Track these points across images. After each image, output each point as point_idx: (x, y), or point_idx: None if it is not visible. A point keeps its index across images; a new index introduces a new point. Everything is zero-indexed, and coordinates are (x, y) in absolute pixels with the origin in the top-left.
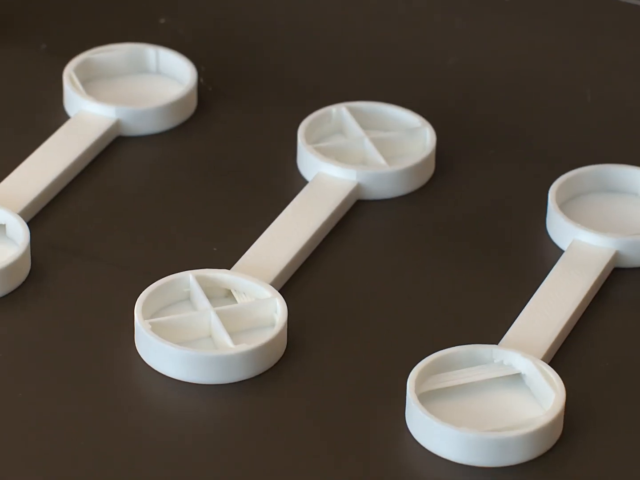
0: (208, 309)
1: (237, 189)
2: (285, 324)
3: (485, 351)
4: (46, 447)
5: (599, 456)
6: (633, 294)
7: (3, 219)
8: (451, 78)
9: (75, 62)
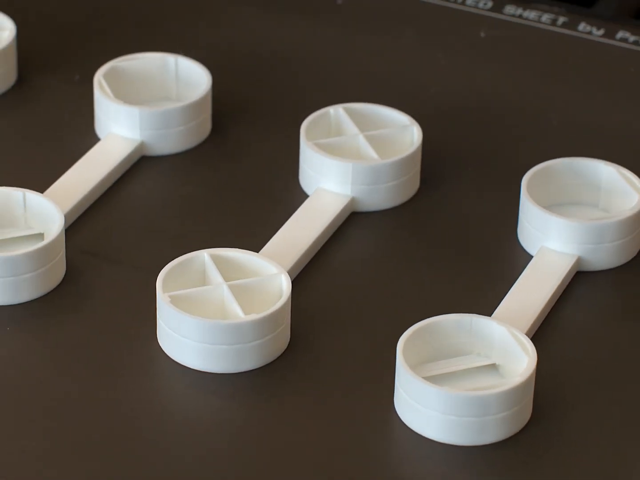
0: (221, 283)
1: (246, 202)
2: (289, 297)
3: (466, 320)
4: (75, 424)
5: (568, 438)
6: (594, 294)
7: (42, 228)
8: (432, 105)
9: (104, 69)
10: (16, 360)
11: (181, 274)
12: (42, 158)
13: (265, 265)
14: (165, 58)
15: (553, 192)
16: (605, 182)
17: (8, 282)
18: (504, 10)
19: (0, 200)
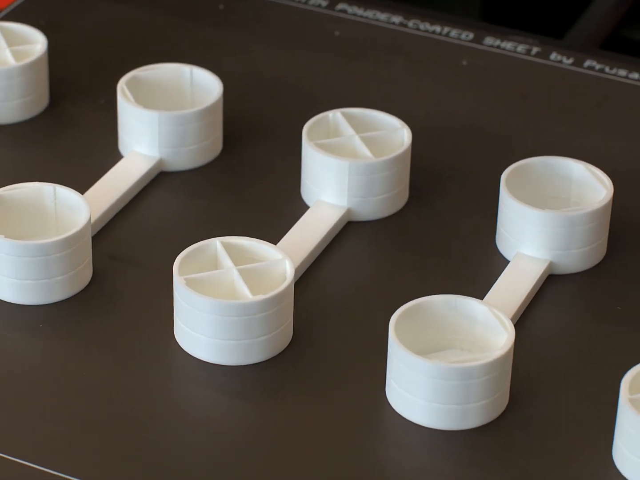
0: (231, 267)
1: (253, 212)
2: (293, 279)
3: (451, 299)
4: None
5: (541, 423)
6: (563, 295)
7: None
8: (420, 126)
9: (126, 78)
10: (48, 353)
11: (195, 260)
12: (71, 174)
13: (271, 251)
14: (181, 68)
15: (529, 190)
16: (576, 178)
17: (41, 284)
18: (483, 41)
19: (33, 195)
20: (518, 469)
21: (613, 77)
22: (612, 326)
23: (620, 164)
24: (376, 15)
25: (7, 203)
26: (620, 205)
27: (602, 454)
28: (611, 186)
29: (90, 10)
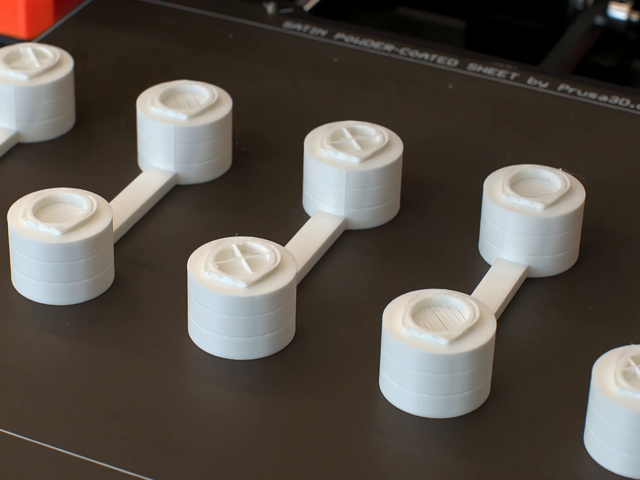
0: (240, 257)
1: (259, 222)
2: (295, 281)
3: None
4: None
5: (520, 412)
6: (539, 296)
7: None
8: (411, 144)
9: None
10: (73, 349)
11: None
12: (95, 187)
13: (274, 248)
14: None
15: (513, 191)
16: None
17: (67, 287)
18: (467, 67)
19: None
20: (498, 454)
21: (584, 99)
22: (583, 324)
23: (590, 176)
24: (370, 43)
25: (50, 200)
26: (590, 215)
27: (574, 440)
28: (583, 198)
29: (112, 39)
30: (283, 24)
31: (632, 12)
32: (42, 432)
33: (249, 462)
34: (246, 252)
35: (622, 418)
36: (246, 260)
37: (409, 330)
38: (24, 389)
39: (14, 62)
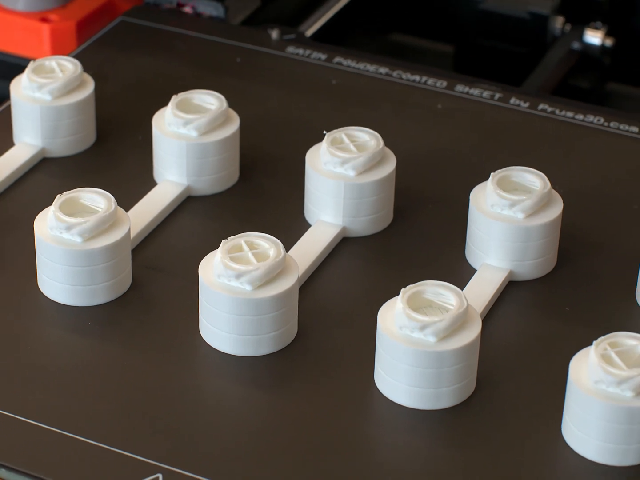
0: (247, 250)
1: (264, 231)
2: (297, 284)
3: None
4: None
5: (502, 404)
6: (521, 298)
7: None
8: (404, 159)
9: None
10: (94, 346)
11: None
12: (114, 198)
13: (275, 241)
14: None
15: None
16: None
17: (88, 290)
18: (455, 88)
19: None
20: (483, 442)
21: (562, 118)
22: (561, 324)
23: (567, 188)
24: (366, 67)
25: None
26: (567, 224)
27: (553, 429)
28: (561, 208)
29: (130, 63)
30: (286, 48)
31: (605, 38)
32: (66, 423)
33: (254, 449)
34: (253, 248)
35: (596, 409)
36: (253, 253)
37: (402, 330)
38: (49, 383)
39: (40, 73)
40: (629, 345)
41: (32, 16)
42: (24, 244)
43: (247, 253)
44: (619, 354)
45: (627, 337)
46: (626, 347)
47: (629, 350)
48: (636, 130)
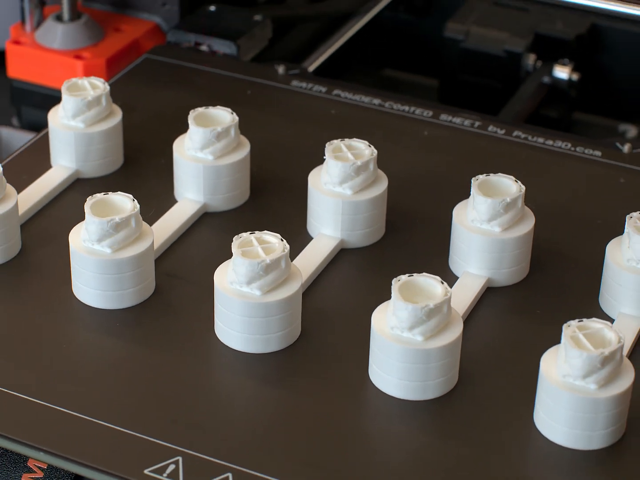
0: (256, 245)
1: None
2: (301, 290)
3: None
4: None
5: (483, 397)
6: (499, 302)
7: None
8: (395, 179)
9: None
10: (122, 345)
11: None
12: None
13: (279, 240)
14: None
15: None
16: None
17: (117, 295)
18: (440, 117)
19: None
20: (464, 429)
21: (534, 143)
22: (533, 325)
23: (538, 205)
24: (361, 98)
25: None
26: (538, 237)
27: (526, 418)
28: (533, 222)
29: (154, 95)
30: (291, 82)
31: (572, 73)
32: (97, 411)
33: (263, 434)
34: (262, 243)
35: (565, 400)
36: (262, 248)
37: (393, 330)
38: (82, 377)
39: (76, 91)
40: (595, 329)
41: (68, 54)
42: (60, 254)
43: (257, 247)
44: (586, 335)
45: (593, 322)
46: (593, 330)
47: (594, 332)
48: (599, 154)
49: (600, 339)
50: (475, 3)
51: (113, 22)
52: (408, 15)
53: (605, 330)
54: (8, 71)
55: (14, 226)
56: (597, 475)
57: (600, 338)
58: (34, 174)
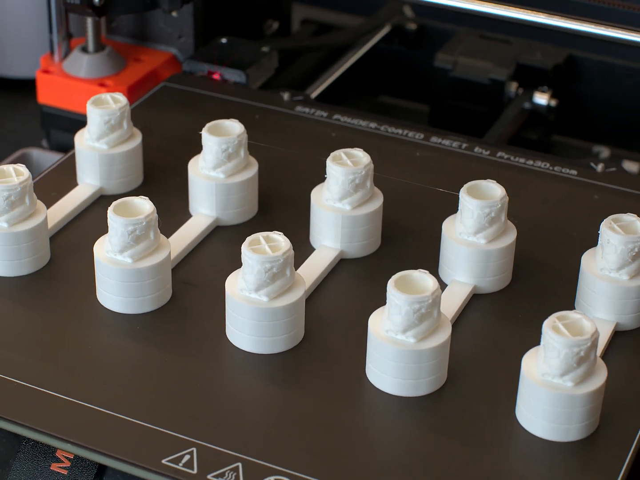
0: (264, 243)
1: None
2: (305, 296)
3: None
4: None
5: (469, 394)
6: (484, 307)
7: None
8: (390, 196)
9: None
10: (142, 346)
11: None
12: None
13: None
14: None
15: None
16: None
17: (137, 300)
18: (430, 139)
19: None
20: (452, 423)
21: (516, 163)
22: (515, 328)
23: (520, 219)
24: (359, 122)
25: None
26: (520, 248)
27: (509, 412)
28: (515, 235)
29: (170, 119)
30: (295, 108)
31: (550, 99)
32: (119, 406)
33: (270, 428)
34: (269, 241)
35: (544, 397)
36: (269, 246)
37: (388, 332)
38: (105, 375)
39: (100, 105)
40: (574, 319)
41: (92, 82)
42: (86, 264)
43: (264, 245)
44: (565, 325)
45: (572, 313)
46: (572, 320)
47: (574, 322)
48: (575, 173)
49: (579, 328)
50: (462, 36)
51: (134, 53)
52: (401, 47)
53: (583, 320)
54: (38, 98)
55: (44, 238)
56: (574, 464)
57: (579, 328)
58: (62, 191)
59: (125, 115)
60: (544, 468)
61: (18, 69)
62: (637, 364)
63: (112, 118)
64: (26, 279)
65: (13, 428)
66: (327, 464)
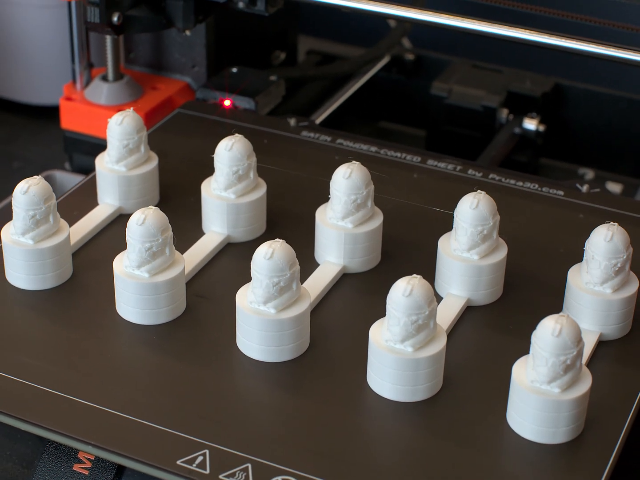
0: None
1: None
2: (310, 308)
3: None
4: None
5: (464, 399)
6: (477, 319)
7: None
8: (389, 214)
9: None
10: (158, 355)
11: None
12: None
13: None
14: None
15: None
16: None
17: (153, 312)
18: (427, 162)
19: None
20: (447, 426)
21: (506, 184)
22: (506, 338)
23: (510, 237)
24: (360, 146)
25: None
26: (510, 263)
27: (500, 416)
28: (505, 251)
29: (184, 144)
30: (301, 133)
31: (539, 125)
32: (136, 410)
33: (277, 432)
34: None
35: (532, 402)
36: None
37: (387, 342)
38: (123, 382)
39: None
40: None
41: (112, 108)
42: (105, 278)
43: None
44: None
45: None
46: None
47: None
48: (562, 194)
49: None
50: (457, 66)
51: (150, 82)
52: (400, 76)
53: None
54: (61, 123)
55: (66, 254)
56: (560, 465)
57: None
58: (84, 210)
59: (142, 139)
60: (533, 468)
61: (43, 96)
62: (619, 371)
63: (131, 142)
64: (50, 292)
65: (38, 431)
66: (331, 464)
